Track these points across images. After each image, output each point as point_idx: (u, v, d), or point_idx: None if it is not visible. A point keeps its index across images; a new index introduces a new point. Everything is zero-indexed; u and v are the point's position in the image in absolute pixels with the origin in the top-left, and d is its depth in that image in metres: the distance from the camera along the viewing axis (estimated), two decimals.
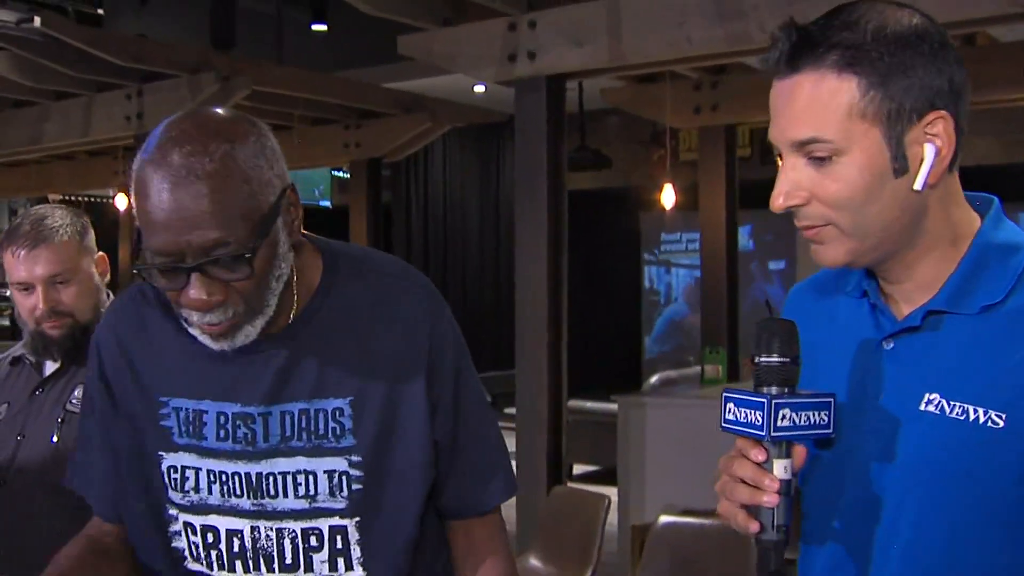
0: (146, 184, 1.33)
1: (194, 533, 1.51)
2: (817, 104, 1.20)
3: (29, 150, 9.27)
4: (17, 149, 9.14)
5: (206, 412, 1.49)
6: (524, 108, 5.82)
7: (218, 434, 1.49)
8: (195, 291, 1.35)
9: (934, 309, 1.26)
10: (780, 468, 1.20)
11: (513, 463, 1.61)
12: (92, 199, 13.47)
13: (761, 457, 1.20)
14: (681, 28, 5.23)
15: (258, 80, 7.63)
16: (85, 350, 1.75)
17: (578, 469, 9.02)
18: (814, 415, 1.21)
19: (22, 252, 2.23)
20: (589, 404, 8.70)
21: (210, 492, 1.50)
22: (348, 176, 10.48)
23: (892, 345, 1.29)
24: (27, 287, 2.25)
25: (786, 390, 1.20)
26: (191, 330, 1.42)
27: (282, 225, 1.39)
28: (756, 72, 6.89)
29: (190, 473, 1.50)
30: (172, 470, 1.51)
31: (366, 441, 1.47)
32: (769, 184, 1.26)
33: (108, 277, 2.38)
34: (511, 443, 6.30)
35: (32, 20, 6.37)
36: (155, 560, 1.55)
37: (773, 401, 1.18)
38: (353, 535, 1.48)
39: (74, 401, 2.23)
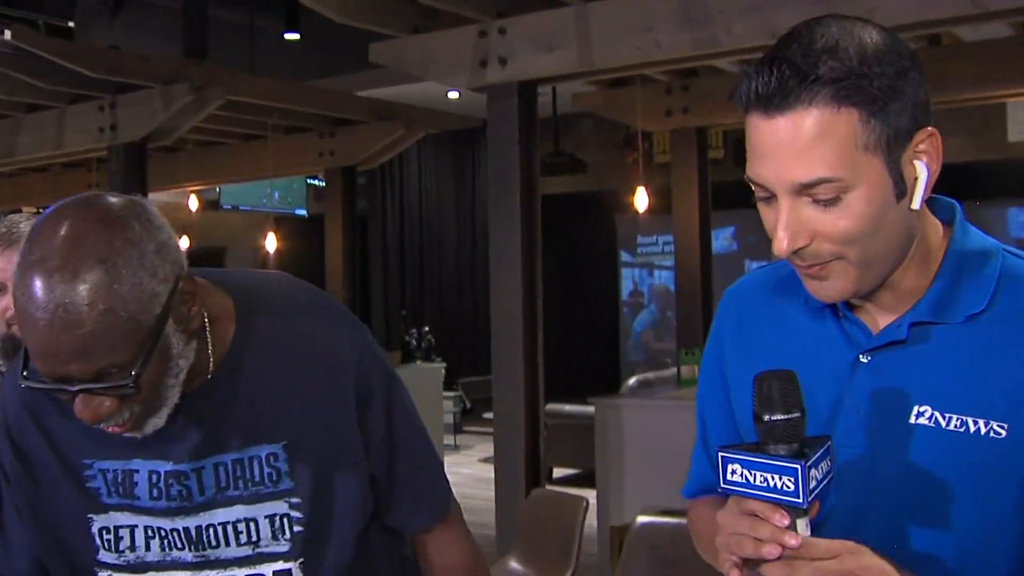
0: (19, 308, 1.25)
1: None
2: (820, 143, 1.14)
3: (2, 163, 9.23)
4: None
5: (137, 472, 1.45)
6: (496, 114, 5.85)
7: (151, 492, 1.45)
8: (82, 408, 1.29)
9: (918, 320, 1.24)
10: (803, 526, 1.12)
11: (492, 467, 1.61)
12: None
13: (786, 522, 1.11)
14: (649, 33, 5.28)
15: (231, 90, 7.63)
16: None
17: (558, 472, 9.05)
18: (826, 464, 1.14)
19: None
20: (568, 407, 8.73)
21: (148, 548, 1.47)
22: (323, 184, 10.49)
23: (870, 359, 1.26)
24: (1, 288, 2.26)
25: (796, 445, 1.12)
26: None
27: (174, 327, 1.31)
28: (726, 75, 6.95)
29: (124, 532, 1.47)
30: (104, 531, 1.47)
31: (304, 482, 1.45)
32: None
33: None
34: (489, 449, 6.29)
35: (2, 33, 6.35)
36: None
37: (808, 467, 1.10)
38: None
39: None
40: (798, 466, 1.09)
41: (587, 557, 4.97)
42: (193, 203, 11.12)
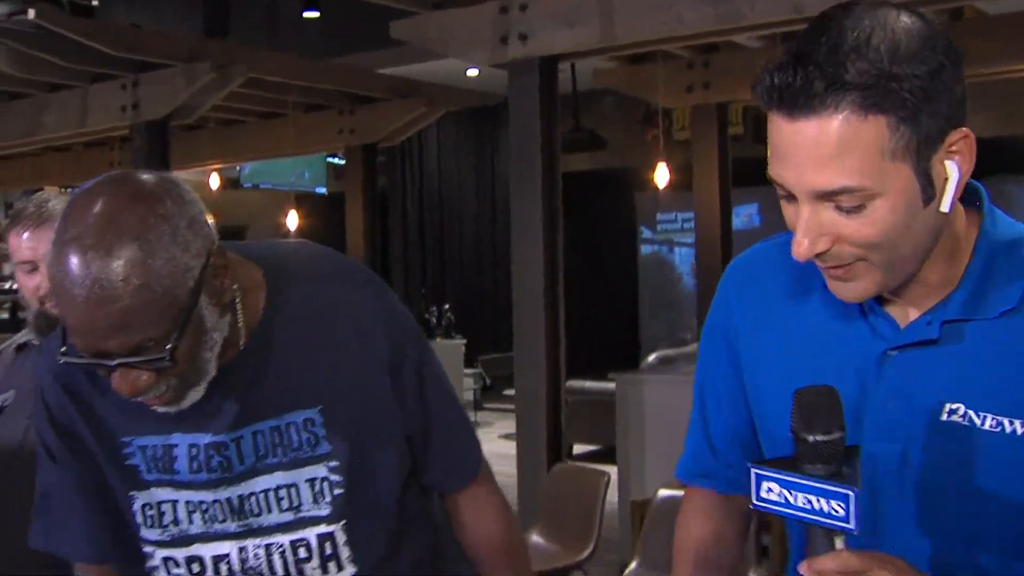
0: (55, 286, 1.28)
1: (177, 566, 1.51)
2: (845, 152, 1.08)
3: (25, 143, 9.28)
4: (13, 142, 9.15)
5: (176, 446, 1.47)
6: (517, 90, 5.85)
7: (191, 466, 1.47)
8: (120, 382, 1.32)
9: (950, 318, 1.20)
10: (840, 543, 1.07)
11: (513, 444, 1.64)
12: None
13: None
14: (671, 8, 5.26)
15: (253, 68, 7.65)
16: None
17: (578, 449, 9.08)
18: (860, 475, 1.07)
19: (27, 232, 2.26)
20: (588, 384, 8.76)
21: (191, 522, 1.49)
22: (343, 162, 10.51)
23: (898, 354, 1.22)
24: (32, 267, 2.29)
25: (834, 465, 1.05)
26: None
27: (207, 301, 1.34)
28: (746, 50, 6.92)
29: (167, 507, 1.49)
30: (147, 507, 1.50)
31: (341, 446, 1.48)
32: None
33: None
34: (509, 425, 6.30)
35: (25, 12, 6.38)
36: None
37: (858, 492, 1.03)
38: (340, 538, 1.50)
39: None
40: (851, 493, 1.03)
41: (608, 531, 5.00)
42: (214, 181, 11.17)
